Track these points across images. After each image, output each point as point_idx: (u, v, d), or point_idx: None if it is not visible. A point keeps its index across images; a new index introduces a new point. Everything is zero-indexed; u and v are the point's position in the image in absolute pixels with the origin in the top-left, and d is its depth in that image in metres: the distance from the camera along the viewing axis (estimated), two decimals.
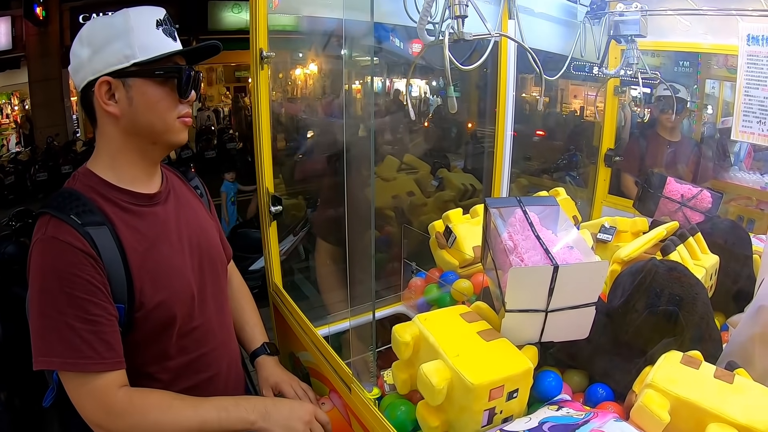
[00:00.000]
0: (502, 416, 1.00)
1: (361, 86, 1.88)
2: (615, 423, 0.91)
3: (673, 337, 1.08)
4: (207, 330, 1.22)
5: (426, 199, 2.12)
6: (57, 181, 8.70)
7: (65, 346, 0.98)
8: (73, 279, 0.98)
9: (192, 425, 1.05)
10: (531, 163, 3.44)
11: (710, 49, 2.39)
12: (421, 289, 1.70)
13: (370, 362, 1.19)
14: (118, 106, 1.05)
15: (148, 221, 1.12)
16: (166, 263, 1.12)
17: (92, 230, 1.01)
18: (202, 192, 1.36)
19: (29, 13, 9.67)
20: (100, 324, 1.00)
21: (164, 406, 1.06)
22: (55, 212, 1.01)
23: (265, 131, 1.52)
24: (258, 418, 1.09)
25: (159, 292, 1.09)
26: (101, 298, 1.00)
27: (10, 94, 11.00)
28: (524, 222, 1.16)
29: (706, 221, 1.68)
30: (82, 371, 0.99)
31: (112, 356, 1.02)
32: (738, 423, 0.86)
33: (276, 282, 1.66)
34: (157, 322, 1.10)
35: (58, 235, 0.99)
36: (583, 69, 2.30)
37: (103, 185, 1.08)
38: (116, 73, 1.03)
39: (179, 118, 1.11)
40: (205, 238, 1.25)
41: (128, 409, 1.02)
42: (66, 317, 0.97)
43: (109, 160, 1.10)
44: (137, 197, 1.12)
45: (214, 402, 1.10)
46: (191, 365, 1.18)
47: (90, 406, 1.01)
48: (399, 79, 5.56)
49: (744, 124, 1.71)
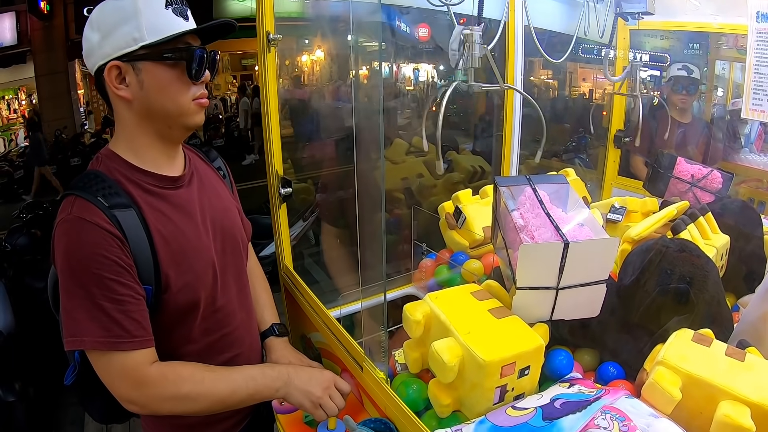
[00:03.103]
0: (514, 393, 1.01)
1: (369, 71, 1.87)
2: (626, 400, 0.91)
3: (683, 315, 1.08)
4: (229, 311, 1.23)
5: (435, 181, 2.12)
6: (66, 173, 8.75)
7: (95, 325, 0.98)
8: (101, 260, 0.98)
9: (223, 395, 1.09)
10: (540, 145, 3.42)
11: (720, 28, 2.35)
12: (432, 270, 1.70)
13: (382, 341, 1.20)
14: (129, 89, 1.04)
15: (172, 204, 1.12)
16: (190, 246, 1.12)
17: (118, 213, 1.01)
18: (225, 173, 1.36)
19: (33, 7, 9.68)
20: (129, 303, 1.01)
21: (196, 378, 1.09)
22: (81, 193, 1.01)
23: (273, 114, 1.52)
24: (282, 385, 1.15)
25: (184, 275, 1.10)
26: (128, 278, 1.01)
27: (17, 89, 11.05)
28: (534, 200, 1.15)
29: (717, 202, 1.66)
30: (113, 350, 1.00)
31: (142, 334, 1.03)
32: (749, 400, 0.86)
33: (287, 264, 1.66)
34: (182, 303, 1.11)
35: (84, 216, 0.98)
36: (592, 52, 2.27)
37: (127, 167, 1.08)
38: (125, 57, 1.01)
39: (194, 100, 1.09)
40: (228, 219, 1.26)
41: (161, 381, 1.05)
42: (95, 297, 0.98)
43: (129, 142, 1.10)
44: (161, 180, 1.12)
45: (243, 372, 1.15)
46: (214, 346, 1.19)
47: (122, 384, 1.03)
48: (406, 64, 5.53)
49: (754, 102, 1.68)
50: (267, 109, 1.51)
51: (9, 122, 11.03)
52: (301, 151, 2.24)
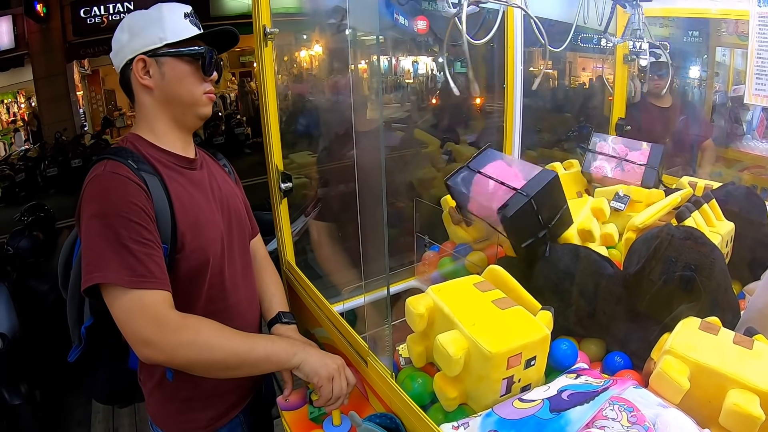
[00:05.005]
0: (521, 384, 1.00)
1: (368, 65, 1.86)
2: (635, 390, 0.90)
3: (690, 303, 1.07)
4: (233, 284, 1.32)
5: (436, 173, 2.11)
6: (67, 175, 8.76)
7: (121, 263, 1.05)
8: (130, 205, 1.08)
9: (240, 350, 1.14)
10: (541, 135, 3.43)
11: (720, 14, 2.33)
12: (435, 263, 1.69)
13: (386, 336, 1.19)
14: (152, 80, 1.21)
15: (188, 180, 1.26)
16: (203, 216, 1.24)
17: (145, 175, 1.14)
18: (230, 170, 1.49)
19: (30, 10, 9.71)
20: (153, 248, 1.10)
21: (215, 328, 1.14)
22: (113, 157, 1.14)
23: (272, 108, 1.53)
24: (299, 350, 1.20)
25: (197, 238, 1.21)
26: (153, 228, 1.11)
27: (16, 92, 11.08)
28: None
29: (721, 188, 1.65)
30: (138, 288, 1.06)
31: (165, 278, 1.11)
32: (758, 389, 0.85)
33: (289, 260, 1.66)
34: (193, 264, 1.20)
35: (117, 171, 1.11)
36: (591, 41, 2.26)
37: (150, 146, 1.23)
38: (151, 53, 1.19)
39: (205, 93, 1.26)
40: (235, 204, 1.39)
41: (181, 325, 1.09)
42: (122, 238, 1.06)
43: (149, 126, 1.25)
44: (179, 159, 1.27)
45: (262, 335, 1.24)
46: (218, 315, 1.21)
47: (142, 322, 1.06)
48: (404, 56, 5.53)
49: (757, 87, 1.67)
50: (265, 103, 1.52)
51: (9, 126, 11.06)
52: (300, 146, 2.23)
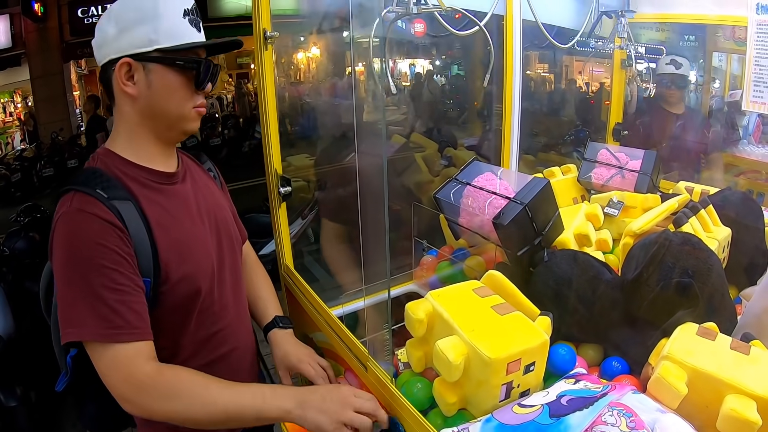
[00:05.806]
0: (520, 390, 1.00)
1: (365, 68, 1.86)
2: (633, 395, 0.90)
3: (687, 309, 1.08)
4: (224, 305, 1.23)
5: (434, 177, 2.12)
6: (64, 176, 8.71)
7: (95, 316, 0.97)
8: (100, 249, 0.98)
9: (228, 410, 1.02)
10: (538, 139, 3.44)
11: (717, 20, 2.34)
12: (433, 267, 1.69)
13: (386, 340, 1.19)
14: (137, 87, 1.06)
15: (169, 197, 1.14)
16: (189, 237, 1.14)
17: (118, 204, 1.02)
18: (215, 174, 1.38)
19: (27, 9, 9.64)
20: (129, 294, 1.00)
21: (200, 385, 1.03)
22: (80, 187, 1.02)
23: (271, 112, 1.51)
24: (295, 406, 1.04)
25: (184, 265, 1.10)
26: (128, 269, 1.01)
27: (13, 92, 11.01)
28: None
29: (718, 194, 1.66)
30: (113, 341, 0.98)
31: (143, 326, 1.02)
32: (755, 394, 0.85)
33: (287, 264, 1.66)
34: (181, 295, 1.11)
35: (84, 208, 0.99)
36: (588, 45, 2.27)
37: (124, 163, 1.10)
38: (138, 56, 1.04)
39: (195, 108, 1.13)
40: (222, 215, 1.28)
41: (157, 382, 1.00)
42: (94, 287, 0.97)
43: (127, 138, 1.12)
44: (157, 175, 1.14)
45: (252, 387, 1.07)
46: (209, 340, 1.18)
47: (118, 378, 0.99)
48: (402, 59, 5.54)
49: (755, 94, 1.67)
50: (264, 107, 1.51)
51: (5, 125, 10.99)
52: (300, 148, 2.23)
